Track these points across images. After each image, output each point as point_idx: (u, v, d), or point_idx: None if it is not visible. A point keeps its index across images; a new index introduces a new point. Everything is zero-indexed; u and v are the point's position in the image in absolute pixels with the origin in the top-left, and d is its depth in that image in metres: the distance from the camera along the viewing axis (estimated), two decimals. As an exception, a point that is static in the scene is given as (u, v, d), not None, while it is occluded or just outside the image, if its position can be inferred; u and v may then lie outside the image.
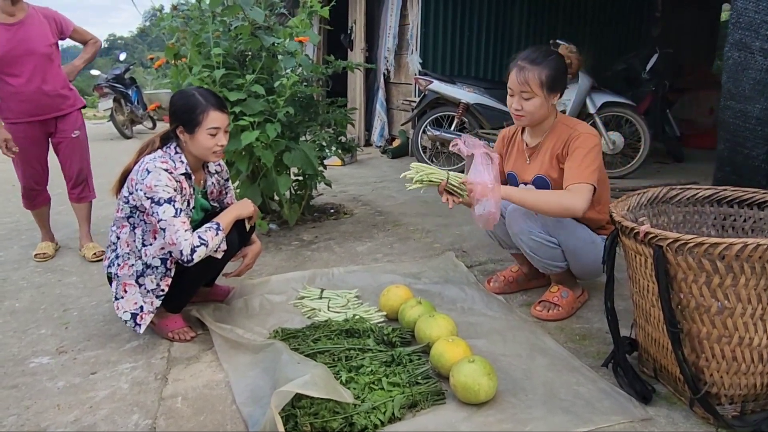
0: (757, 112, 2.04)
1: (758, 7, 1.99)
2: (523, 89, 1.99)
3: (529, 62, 1.98)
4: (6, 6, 2.66)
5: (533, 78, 1.96)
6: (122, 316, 1.99)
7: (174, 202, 1.88)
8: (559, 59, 2.03)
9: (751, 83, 2.04)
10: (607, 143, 4.80)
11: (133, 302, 1.98)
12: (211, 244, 1.91)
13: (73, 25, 2.96)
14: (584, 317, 2.20)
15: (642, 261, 1.57)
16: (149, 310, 1.99)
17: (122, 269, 1.99)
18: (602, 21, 6.92)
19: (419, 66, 5.94)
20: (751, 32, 2.02)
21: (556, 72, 1.99)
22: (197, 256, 1.87)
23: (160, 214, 1.86)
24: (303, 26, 3.14)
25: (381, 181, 5.04)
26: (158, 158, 1.94)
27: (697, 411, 1.55)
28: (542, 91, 1.98)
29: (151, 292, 1.99)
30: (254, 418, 1.57)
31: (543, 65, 1.97)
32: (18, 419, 1.63)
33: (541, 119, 2.07)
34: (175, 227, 1.86)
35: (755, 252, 1.35)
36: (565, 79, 2.07)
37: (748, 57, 2.03)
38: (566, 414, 1.56)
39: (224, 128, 2.01)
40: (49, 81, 2.80)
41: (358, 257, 2.95)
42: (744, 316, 1.43)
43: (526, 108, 2.01)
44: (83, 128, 3.03)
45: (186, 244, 1.85)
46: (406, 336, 1.98)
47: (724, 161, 2.19)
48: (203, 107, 1.95)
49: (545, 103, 2.01)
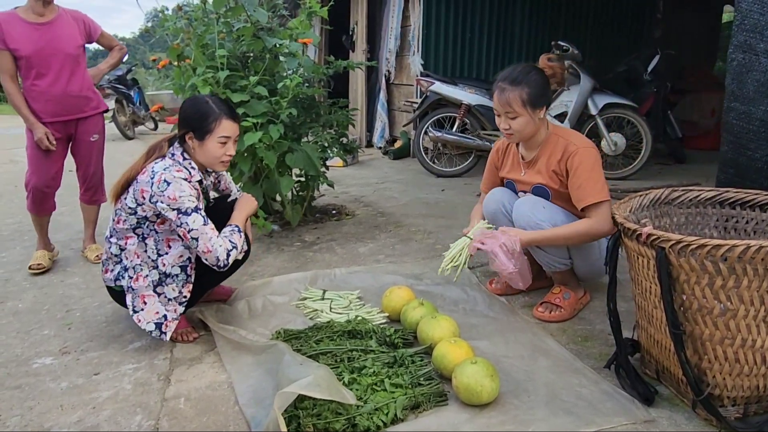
0: (761, 113, 2.04)
1: (763, 9, 2.00)
2: (507, 110, 2.04)
3: (509, 83, 2.03)
4: (37, 6, 2.68)
5: (515, 98, 2.01)
6: (146, 328, 1.96)
7: (200, 210, 1.90)
8: (539, 75, 2.07)
9: (755, 85, 2.04)
10: (609, 144, 4.81)
11: (155, 312, 1.97)
12: (239, 246, 1.96)
13: (101, 30, 2.97)
14: (586, 319, 2.20)
15: (644, 263, 1.57)
16: (173, 318, 1.99)
17: (137, 281, 1.97)
18: (604, 22, 6.92)
19: (421, 67, 5.95)
20: (756, 34, 2.02)
21: (537, 88, 2.03)
22: (231, 259, 1.92)
23: (190, 224, 1.86)
24: (303, 27, 3.15)
25: (383, 182, 5.05)
26: (172, 167, 1.92)
27: (700, 413, 1.55)
28: (526, 110, 2.02)
29: (173, 300, 1.98)
30: (257, 419, 1.58)
31: (523, 84, 2.01)
32: (21, 419, 1.64)
33: (530, 135, 2.11)
34: (207, 235, 1.88)
35: (758, 254, 1.35)
36: (548, 92, 2.11)
37: (753, 59, 2.03)
38: (568, 415, 1.56)
39: (234, 138, 2.01)
40: (74, 82, 2.81)
41: (360, 258, 2.95)
42: (746, 318, 1.43)
43: (514, 127, 2.06)
44: (102, 132, 3.03)
45: (222, 250, 1.88)
46: (409, 337, 1.99)
47: (727, 163, 2.19)
48: (216, 115, 1.95)
49: (531, 120, 2.06)
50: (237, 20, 3.12)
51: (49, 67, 2.73)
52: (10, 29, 2.63)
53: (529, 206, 2.10)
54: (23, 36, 2.65)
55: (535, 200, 2.12)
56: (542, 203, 2.11)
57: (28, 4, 2.70)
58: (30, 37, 2.66)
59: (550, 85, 2.11)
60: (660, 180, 4.82)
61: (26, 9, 2.69)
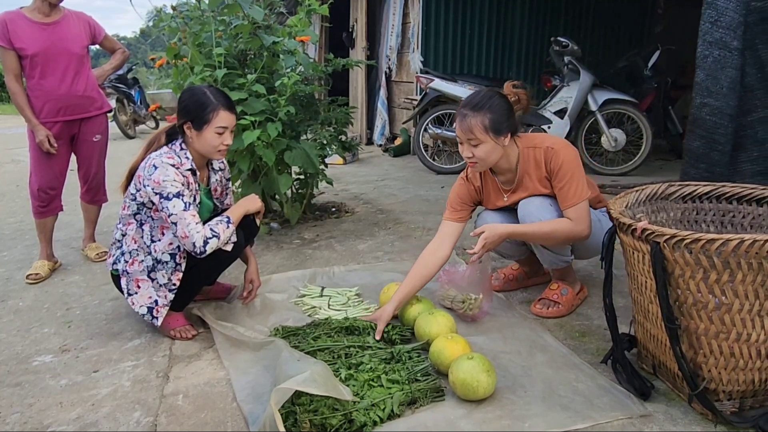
0: (730, 109, 2.09)
1: (737, 8, 2.05)
2: (469, 137, 1.94)
3: (470, 108, 1.93)
4: (43, 7, 2.69)
5: (476, 124, 1.91)
6: (138, 311, 2.02)
7: (182, 196, 1.91)
8: (502, 100, 1.97)
9: (728, 81, 2.09)
10: (609, 140, 4.80)
11: (148, 296, 2.02)
12: (222, 237, 1.95)
13: (105, 32, 2.98)
14: (584, 314, 2.20)
15: (640, 257, 1.58)
16: (164, 303, 2.02)
17: (132, 266, 2.02)
18: (604, 18, 6.90)
19: (420, 64, 5.95)
20: (731, 31, 2.07)
21: (499, 114, 1.93)
22: (209, 248, 1.91)
23: (170, 209, 1.89)
24: (302, 25, 3.15)
25: (382, 179, 5.05)
26: (164, 154, 1.97)
27: (696, 407, 1.56)
28: (488, 136, 1.92)
29: (163, 287, 2.01)
30: (255, 416, 1.58)
31: (485, 110, 1.91)
32: (21, 417, 1.65)
33: (495, 162, 2.00)
34: (186, 220, 1.89)
35: (752, 248, 1.35)
36: (512, 118, 1.99)
37: (727, 55, 2.07)
38: (565, 410, 1.57)
39: (231, 128, 2.04)
40: (79, 82, 2.82)
41: (359, 255, 2.96)
42: (741, 312, 1.43)
43: (477, 154, 1.95)
44: (106, 133, 3.03)
45: (198, 236, 1.88)
46: (406, 333, 1.99)
47: (699, 158, 2.23)
48: (214, 106, 1.98)
49: (496, 147, 1.95)
50: (234, 18, 3.12)
51: (54, 66, 2.73)
52: (16, 28, 2.64)
53: (536, 205, 2.04)
54: (29, 35, 2.66)
55: (541, 199, 2.05)
56: (549, 201, 2.04)
57: (34, 4, 2.70)
58: (35, 36, 2.67)
59: (513, 112, 2.00)
60: (660, 176, 4.81)
61: (32, 9, 2.70)
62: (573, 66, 4.83)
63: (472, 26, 6.20)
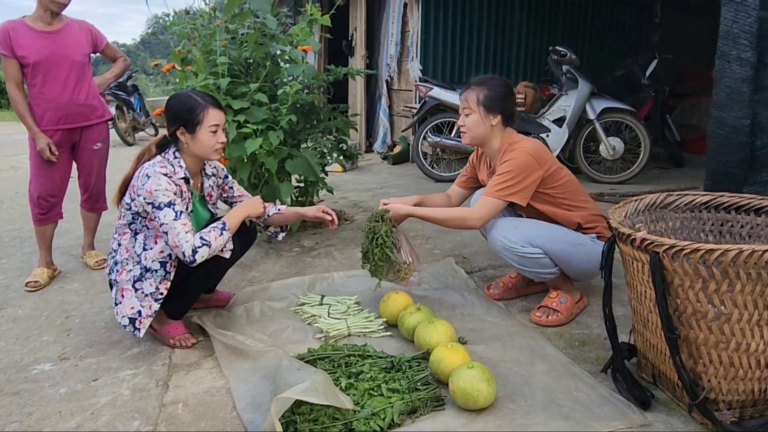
0: (731, 120, 2.08)
1: (736, 17, 2.06)
2: (464, 106, 2.16)
3: (475, 83, 2.16)
4: (45, 16, 2.70)
5: (472, 96, 2.14)
6: (121, 321, 1.99)
7: (174, 205, 1.91)
8: (503, 85, 2.17)
9: (726, 91, 2.10)
10: (607, 149, 4.82)
11: (130, 307, 1.98)
12: (214, 245, 1.93)
13: (106, 41, 2.99)
14: (583, 323, 2.20)
15: (639, 267, 1.58)
16: (147, 314, 1.98)
17: (120, 275, 2.01)
18: (602, 27, 6.95)
19: (419, 73, 5.97)
20: (729, 41, 2.08)
21: (495, 94, 2.13)
22: (199, 256, 1.89)
23: (161, 218, 1.89)
24: (303, 34, 3.17)
25: (382, 187, 5.06)
26: (157, 163, 1.97)
27: (696, 417, 1.56)
28: (478, 108, 2.13)
29: (149, 296, 1.98)
30: (255, 424, 1.58)
31: (484, 86, 2.14)
32: (20, 426, 1.64)
33: (481, 137, 2.18)
34: (176, 230, 1.88)
35: (751, 258, 1.36)
36: (507, 104, 2.16)
37: (726, 66, 2.08)
38: (565, 420, 1.57)
39: (222, 125, 2.06)
40: (81, 90, 2.83)
41: (359, 263, 2.95)
42: (741, 321, 1.44)
43: (467, 123, 2.16)
44: (106, 141, 3.04)
45: (187, 245, 1.87)
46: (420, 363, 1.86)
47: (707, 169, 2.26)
48: (203, 106, 2.00)
49: (482, 121, 2.14)
50: (242, 26, 3.13)
51: (56, 75, 2.74)
52: (18, 37, 2.65)
53: (497, 228, 2.15)
54: (30, 44, 2.67)
55: (505, 222, 2.17)
56: (513, 223, 2.16)
57: (36, 13, 2.72)
58: (37, 44, 2.69)
59: (512, 100, 2.19)
60: (659, 184, 4.82)
61: (34, 18, 2.71)
62: (571, 75, 4.86)
63: (471, 34, 6.24)
